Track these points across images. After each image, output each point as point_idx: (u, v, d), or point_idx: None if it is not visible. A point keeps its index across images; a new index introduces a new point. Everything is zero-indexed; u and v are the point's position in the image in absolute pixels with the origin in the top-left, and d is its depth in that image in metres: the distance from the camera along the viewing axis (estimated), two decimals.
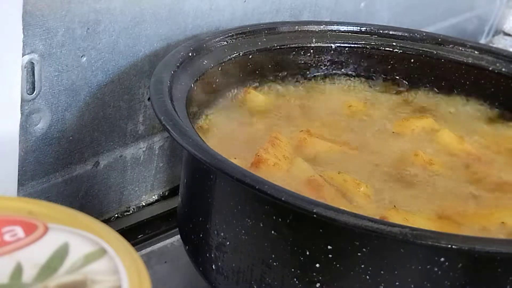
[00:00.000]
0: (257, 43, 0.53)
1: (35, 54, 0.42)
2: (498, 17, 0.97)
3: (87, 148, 0.50)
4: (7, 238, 0.27)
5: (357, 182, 0.42)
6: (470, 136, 0.52)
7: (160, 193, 0.59)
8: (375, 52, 0.58)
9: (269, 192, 0.34)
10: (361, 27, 0.57)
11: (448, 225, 0.40)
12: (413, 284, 0.35)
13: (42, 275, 0.25)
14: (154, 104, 0.40)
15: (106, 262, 0.26)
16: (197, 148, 0.36)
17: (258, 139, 0.47)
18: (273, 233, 0.37)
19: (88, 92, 0.47)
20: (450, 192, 0.44)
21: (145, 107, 0.53)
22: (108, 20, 0.46)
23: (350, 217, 0.32)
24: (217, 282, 0.41)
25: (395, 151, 0.48)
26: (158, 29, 0.50)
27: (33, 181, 0.47)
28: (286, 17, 0.62)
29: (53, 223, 0.28)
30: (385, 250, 0.34)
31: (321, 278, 0.36)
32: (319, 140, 0.47)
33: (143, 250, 0.52)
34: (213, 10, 0.54)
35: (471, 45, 0.58)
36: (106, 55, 0.47)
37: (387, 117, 0.54)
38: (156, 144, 0.56)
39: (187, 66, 0.46)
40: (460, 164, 0.48)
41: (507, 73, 0.56)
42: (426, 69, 0.58)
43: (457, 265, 0.34)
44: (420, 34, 0.58)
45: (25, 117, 0.44)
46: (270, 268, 0.37)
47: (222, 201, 0.39)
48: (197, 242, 0.42)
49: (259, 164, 0.42)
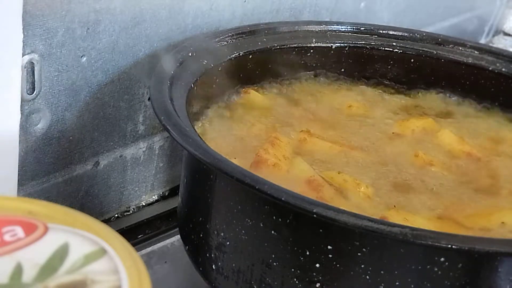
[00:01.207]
0: (257, 43, 0.53)
1: (35, 54, 0.42)
2: (498, 17, 0.97)
3: (87, 148, 0.50)
4: (7, 238, 0.27)
5: (357, 182, 0.42)
6: (470, 136, 0.52)
7: (160, 193, 0.59)
8: (375, 52, 0.58)
9: (269, 192, 0.34)
10: (361, 27, 0.57)
11: (448, 225, 0.40)
12: (413, 284, 0.35)
13: (42, 275, 0.25)
14: (154, 104, 0.40)
15: (106, 262, 0.26)
16: (197, 148, 0.36)
17: (258, 139, 0.47)
18: (273, 233, 0.37)
19: (88, 92, 0.47)
20: (450, 193, 0.44)
21: (145, 107, 0.53)
22: (108, 20, 0.46)
23: (350, 217, 0.32)
24: (217, 282, 0.41)
25: (395, 151, 0.48)
26: (158, 29, 0.50)
27: (33, 181, 0.47)
28: (286, 17, 0.62)
29: (53, 223, 0.28)
30: (385, 250, 0.34)
31: (321, 278, 0.36)
32: (319, 140, 0.47)
33: (143, 250, 0.52)
34: (213, 10, 0.54)
35: (471, 45, 0.58)
36: (106, 55, 0.47)
37: (387, 117, 0.54)
38: (156, 144, 0.56)
39: (187, 66, 0.46)
40: (460, 165, 0.48)
41: (507, 73, 0.56)
42: (426, 69, 0.58)
43: (457, 265, 0.34)
44: (420, 34, 0.58)
45: (25, 117, 0.44)
46: (270, 268, 0.37)
47: (222, 201, 0.39)
48: (197, 242, 0.42)
49: (259, 164, 0.42)
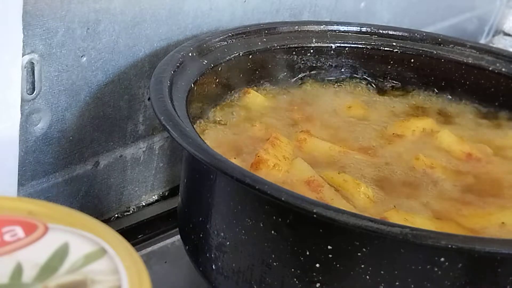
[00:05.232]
0: (257, 43, 0.53)
1: (35, 54, 0.42)
2: (498, 17, 0.97)
3: (87, 148, 0.50)
4: (7, 238, 0.27)
5: (357, 183, 0.42)
6: (470, 136, 0.52)
7: (160, 193, 0.59)
8: (375, 52, 0.58)
9: (269, 192, 0.34)
10: (361, 27, 0.57)
11: (448, 225, 0.40)
12: (413, 284, 0.35)
13: (42, 275, 0.25)
14: (154, 104, 0.40)
15: (106, 262, 0.26)
16: (197, 148, 0.36)
17: (258, 140, 0.47)
18: (273, 233, 0.37)
19: (88, 92, 0.47)
20: (450, 193, 0.44)
21: (145, 107, 0.53)
22: (108, 20, 0.46)
23: (350, 217, 0.32)
24: (217, 282, 0.41)
25: (395, 152, 0.48)
26: (158, 29, 0.50)
27: (33, 181, 0.47)
28: (286, 17, 0.62)
29: (53, 223, 0.28)
30: (385, 250, 0.34)
31: (321, 278, 0.36)
32: (319, 141, 0.47)
33: (143, 250, 0.52)
34: (213, 10, 0.54)
35: (471, 45, 0.58)
36: (106, 55, 0.47)
37: (387, 117, 0.54)
38: (156, 144, 0.56)
39: (187, 66, 0.46)
40: (460, 165, 0.48)
41: (507, 73, 0.56)
42: (426, 69, 0.58)
43: (457, 265, 0.34)
44: (420, 34, 0.58)
45: (25, 117, 0.44)
46: (270, 268, 0.37)
47: (222, 201, 0.39)
48: (197, 242, 0.42)
49: (259, 165, 0.42)
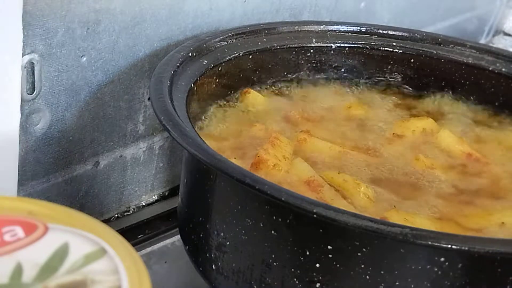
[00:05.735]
0: (257, 43, 0.53)
1: (35, 54, 0.42)
2: (498, 17, 0.97)
3: (87, 148, 0.50)
4: (7, 238, 0.27)
5: (357, 183, 0.42)
6: (470, 136, 0.52)
7: (160, 193, 0.59)
8: (375, 52, 0.57)
9: (269, 192, 0.34)
10: (361, 27, 0.57)
11: (448, 225, 0.40)
12: (413, 284, 0.35)
13: (42, 275, 0.25)
14: (154, 104, 0.40)
15: (106, 262, 0.26)
16: (197, 148, 0.36)
17: (258, 140, 0.47)
18: (273, 233, 0.37)
19: (88, 92, 0.47)
20: (450, 193, 0.44)
21: (145, 107, 0.53)
22: (108, 20, 0.46)
23: (350, 217, 0.32)
24: (217, 282, 0.41)
25: (396, 152, 0.48)
26: (158, 29, 0.50)
27: (33, 181, 0.47)
28: (286, 17, 0.62)
29: (53, 223, 0.28)
30: (385, 250, 0.34)
31: (321, 278, 0.36)
32: (319, 141, 0.47)
33: (143, 250, 0.52)
34: (213, 10, 0.54)
35: (471, 45, 0.58)
36: (106, 55, 0.47)
37: (387, 117, 0.54)
38: (156, 144, 0.56)
39: (187, 66, 0.46)
40: (460, 165, 0.48)
41: (507, 73, 0.56)
42: (426, 69, 0.58)
43: (457, 265, 0.34)
44: (420, 34, 0.58)
45: (25, 117, 0.44)
46: (270, 268, 0.37)
47: (222, 201, 0.39)
48: (197, 242, 0.42)
49: (259, 165, 0.42)
